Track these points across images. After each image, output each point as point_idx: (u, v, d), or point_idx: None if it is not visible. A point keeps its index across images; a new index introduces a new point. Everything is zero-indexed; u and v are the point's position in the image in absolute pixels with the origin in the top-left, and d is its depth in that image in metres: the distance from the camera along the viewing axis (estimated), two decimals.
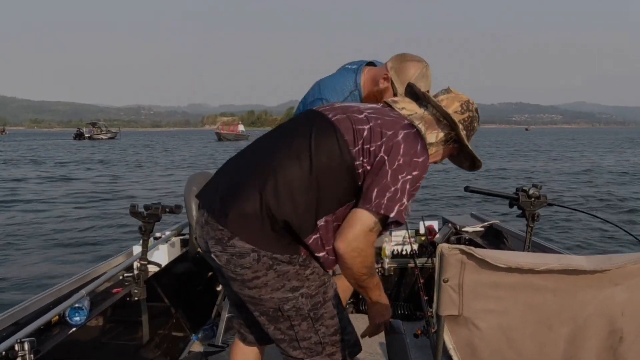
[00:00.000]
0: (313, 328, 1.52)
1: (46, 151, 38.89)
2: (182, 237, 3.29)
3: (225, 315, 2.96)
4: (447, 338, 1.03)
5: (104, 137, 71.72)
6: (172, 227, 3.35)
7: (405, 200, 1.43)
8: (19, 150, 41.25)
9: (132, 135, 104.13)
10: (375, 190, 1.41)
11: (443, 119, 1.56)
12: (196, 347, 2.97)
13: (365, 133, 1.46)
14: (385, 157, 1.43)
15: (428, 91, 1.95)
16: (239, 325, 1.79)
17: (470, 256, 0.98)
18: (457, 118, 1.55)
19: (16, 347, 1.71)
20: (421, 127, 1.53)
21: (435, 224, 3.76)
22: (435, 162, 1.64)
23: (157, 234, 3.14)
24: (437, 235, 3.70)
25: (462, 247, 0.98)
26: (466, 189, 2.37)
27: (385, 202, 1.40)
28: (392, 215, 1.41)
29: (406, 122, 1.52)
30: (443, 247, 0.98)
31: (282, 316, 1.51)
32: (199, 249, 3.01)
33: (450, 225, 3.74)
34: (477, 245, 3.36)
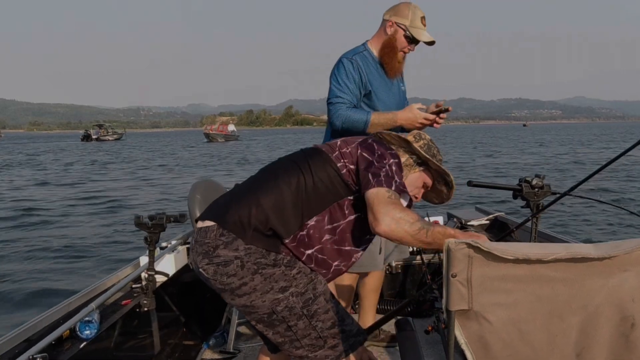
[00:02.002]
0: (310, 325, 1.56)
1: (58, 153, 38.23)
2: (188, 246, 3.29)
3: (235, 321, 2.96)
4: (459, 333, 1.03)
5: (110, 138, 73.53)
6: (178, 235, 3.35)
7: (397, 179, 1.54)
8: (20, 155, 39.30)
9: (131, 137, 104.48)
10: (369, 174, 1.53)
11: (401, 147, 1.75)
12: (208, 354, 2.97)
13: (339, 143, 1.67)
14: (365, 154, 1.59)
15: (424, 17, 2.45)
16: (260, 336, 1.83)
17: (477, 250, 0.97)
18: (414, 145, 1.72)
19: None
20: (400, 150, 1.74)
21: (440, 219, 3.76)
22: (413, 199, 1.77)
23: (163, 244, 3.14)
24: None
25: (469, 240, 0.98)
26: (469, 183, 2.37)
27: (382, 178, 1.51)
28: (392, 189, 1.50)
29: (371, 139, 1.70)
30: (450, 241, 0.98)
31: (277, 319, 1.55)
32: None
33: (455, 219, 3.74)
34: None
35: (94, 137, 71.16)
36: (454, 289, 0.99)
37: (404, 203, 1.57)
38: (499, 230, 3.54)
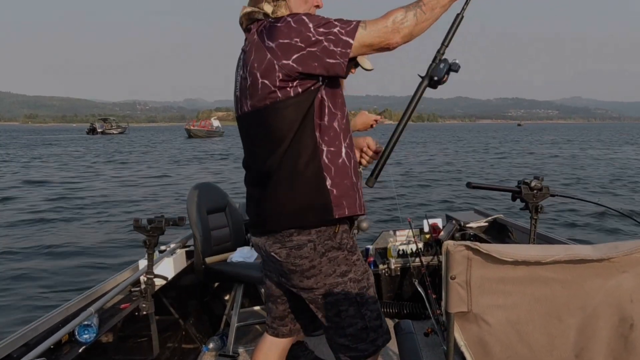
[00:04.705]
0: (359, 312, 1.61)
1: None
2: (187, 249, 3.28)
3: (234, 324, 2.96)
4: (458, 335, 1.03)
5: (114, 132, 75.56)
6: (177, 239, 3.35)
7: (335, 23, 1.46)
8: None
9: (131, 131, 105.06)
10: (325, 60, 1.45)
11: None
12: (207, 358, 2.97)
13: (260, 81, 1.50)
14: (295, 56, 1.46)
15: None
16: (272, 320, 1.86)
17: (476, 252, 0.98)
18: None
19: None
20: (258, 14, 1.59)
21: (439, 222, 3.76)
22: (320, 4, 1.66)
23: (162, 247, 3.14)
24: (442, 233, 3.69)
25: (468, 243, 0.98)
26: (468, 185, 2.36)
27: (334, 48, 1.45)
28: (348, 29, 1.45)
29: (253, 34, 1.56)
30: (448, 244, 0.98)
31: (331, 301, 1.60)
32: (205, 260, 3.01)
33: (454, 222, 3.74)
34: (482, 241, 3.36)
35: (99, 130, 73.31)
36: (453, 291, 0.99)
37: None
38: (498, 232, 3.54)
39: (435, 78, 1.55)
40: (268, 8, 1.58)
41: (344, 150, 1.58)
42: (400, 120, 1.64)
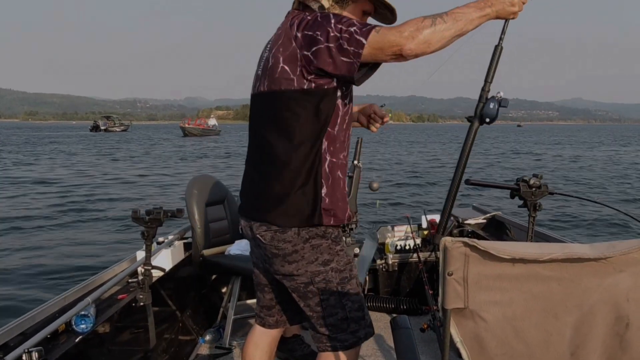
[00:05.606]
0: (340, 302, 1.62)
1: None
2: (185, 241, 3.29)
3: (231, 316, 2.96)
4: (454, 331, 1.04)
5: (117, 129, 76.31)
6: (175, 231, 3.35)
7: (354, 23, 1.44)
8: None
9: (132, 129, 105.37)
10: (341, 58, 1.44)
11: None
12: (203, 350, 2.97)
13: (280, 67, 1.53)
14: (314, 48, 1.46)
15: None
16: (260, 309, 1.88)
17: (474, 248, 0.98)
18: None
19: (24, 357, 1.71)
20: (313, 4, 1.60)
21: (437, 218, 3.76)
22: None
23: (160, 239, 3.14)
24: None
25: (465, 239, 0.98)
26: (467, 182, 2.36)
27: (351, 46, 1.42)
28: (364, 30, 1.42)
29: (287, 21, 1.57)
30: (446, 240, 0.98)
31: (312, 290, 1.61)
32: (203, 252, 3.01)
33: (452, 218, 3.75)
34: (479, 238, 3.36)
35: (102, 127, 73.82)
36: (450, 287, 1.00)
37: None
38: (496, 229, 3.55)
39: (488, 120, 1.55)
40: (326, 2, 1.60)
41: (340, 162, 1.63)
42: (456, 169, 1.63)
